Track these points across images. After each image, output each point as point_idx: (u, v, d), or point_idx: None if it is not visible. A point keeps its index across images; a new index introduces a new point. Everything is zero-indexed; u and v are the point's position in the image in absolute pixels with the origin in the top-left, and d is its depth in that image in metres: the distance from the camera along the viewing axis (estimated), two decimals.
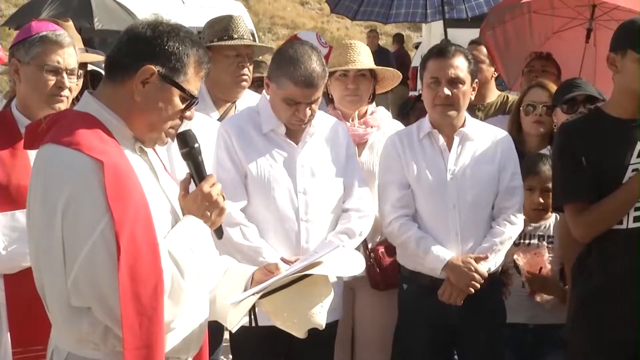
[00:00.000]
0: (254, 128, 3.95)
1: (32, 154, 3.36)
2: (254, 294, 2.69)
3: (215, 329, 3.03)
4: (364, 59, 4.45)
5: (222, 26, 4.57)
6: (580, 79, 5.00)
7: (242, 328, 2.89)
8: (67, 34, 3.58)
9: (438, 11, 7.37)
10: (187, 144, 2.70)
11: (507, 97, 5.86)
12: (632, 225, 3.59)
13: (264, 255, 3.76)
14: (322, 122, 4.05)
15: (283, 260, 3.67)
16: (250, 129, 3.94)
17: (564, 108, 4.65)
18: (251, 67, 4.65)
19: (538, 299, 4.30)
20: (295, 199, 3.88)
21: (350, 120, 4.44)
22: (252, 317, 2.80)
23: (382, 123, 4.50)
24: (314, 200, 3.90)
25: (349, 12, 7.77)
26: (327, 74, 3.92)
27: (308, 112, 3.85)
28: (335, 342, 4.18)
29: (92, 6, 12.01)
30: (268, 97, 4.00)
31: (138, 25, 2.58)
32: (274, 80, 3.87)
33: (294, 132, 3.96)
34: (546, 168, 4.29)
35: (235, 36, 4.53)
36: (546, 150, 4.65)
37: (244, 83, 4.55)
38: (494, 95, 5.88)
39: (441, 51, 4.14)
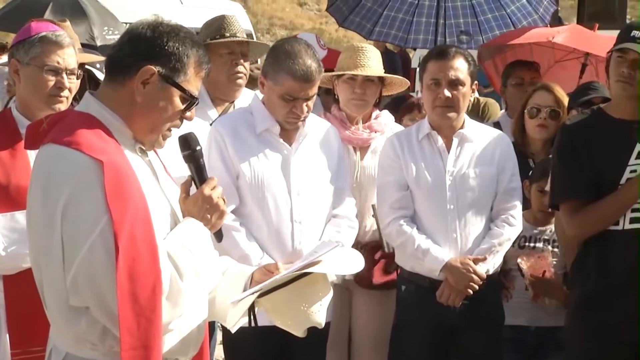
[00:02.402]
0: (247, 129, 3.91)
1: (32, 154, 3.36)
2: (253, 293, 2.70)
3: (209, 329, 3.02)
4: (373, 64, 4.38)
5: (216, 26, 4.57)
6: (597, 82, 4.94)
7: (237, 329, 2.88)
8: (67, 34, 3.59)
9: (459, 40, 7.24)
10: (189, 146, 2.69)
11: (479, 100, 5.83)
12: (628, 226, 3.60)
13: (253, 263, 3.70)
14: (314, 125, 4.03)
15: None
16: (243, 129, 3.91)
17: (580, 111, 4.61)
18: (247, 65, 4.63)
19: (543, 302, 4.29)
20: (289, 200, 3.86)
21: (354, 123, 4.41)
22: (252, 317, 2.80)
23: (386, 128, 4.46)
24: (308, 202, 3.88)
25: (362, 30, 7.52)
26: (322, 70, 3.90)
27: (305, 108, 3.84)
28: (332, 343, 4.17)
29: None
30: (261, 96, 3.99)
31: (138, 25, 2.58)
32: (270, 77, 3.84)
33: (288, 133, 3.94)
34: None
35: (228, 34, 4.52)
36: None
37: (240, 81, 4.52)
38: None
39: (441, 52, 4.14)
